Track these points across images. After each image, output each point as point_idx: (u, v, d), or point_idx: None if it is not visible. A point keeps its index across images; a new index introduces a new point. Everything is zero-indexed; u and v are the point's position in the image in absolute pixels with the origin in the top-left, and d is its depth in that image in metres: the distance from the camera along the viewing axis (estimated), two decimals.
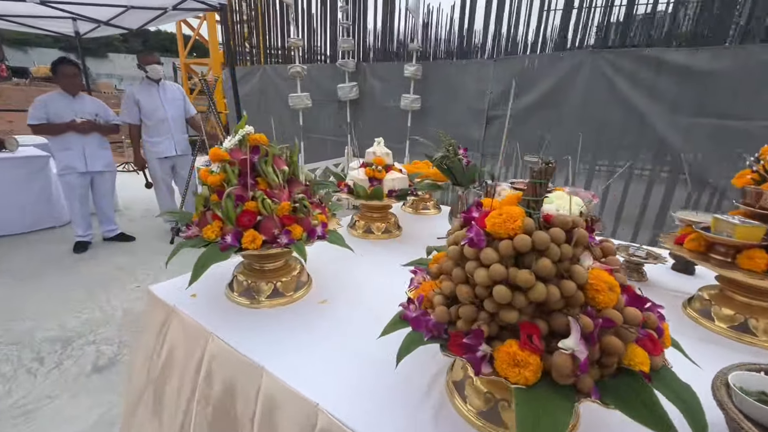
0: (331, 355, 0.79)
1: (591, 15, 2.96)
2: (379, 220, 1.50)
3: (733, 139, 2.50)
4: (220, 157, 0.86)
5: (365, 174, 1.41)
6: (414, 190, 1.46)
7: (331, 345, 0.82)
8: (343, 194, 1.41)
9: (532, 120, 3.17)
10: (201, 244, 0.83)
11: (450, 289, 0.56)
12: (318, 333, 0.86)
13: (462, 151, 1.38)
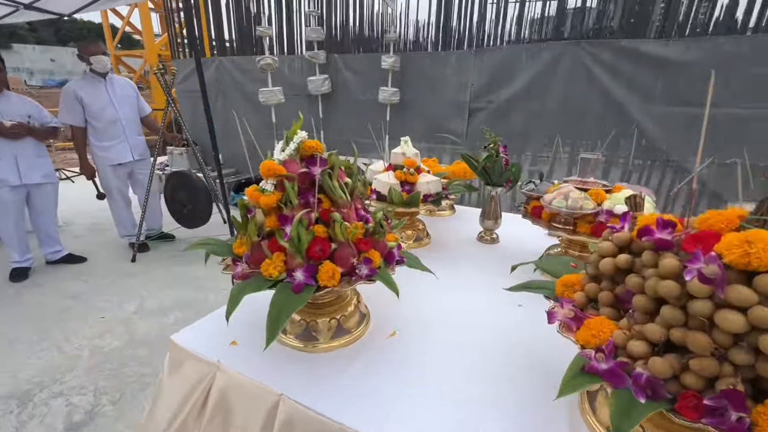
0: (426, 402, 0.65)
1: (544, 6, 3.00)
2: (408, 227, 1.36)
3: (698, 124, 2.64)
4: (275, 171, 0.67)
5: (395, 177, 1.26)
6: (447, 193, 1.34)
7: (421, 388, 0.68)
8: (372, 202, 1.26)
9: (515, 112, 3.17)
10: (265, 286, 0.64)
11: (658, 333, 0.44)
12: (402, 375, 0.71)
13: (502, 149, 1.28)
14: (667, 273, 0.44)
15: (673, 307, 0.44)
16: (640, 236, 0.51)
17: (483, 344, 0.81)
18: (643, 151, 2.85)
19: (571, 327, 0.55)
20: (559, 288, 0.63)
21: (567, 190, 1.00)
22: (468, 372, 0.73)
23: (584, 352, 0.49)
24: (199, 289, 2.61)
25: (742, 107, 2.54)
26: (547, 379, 0.70)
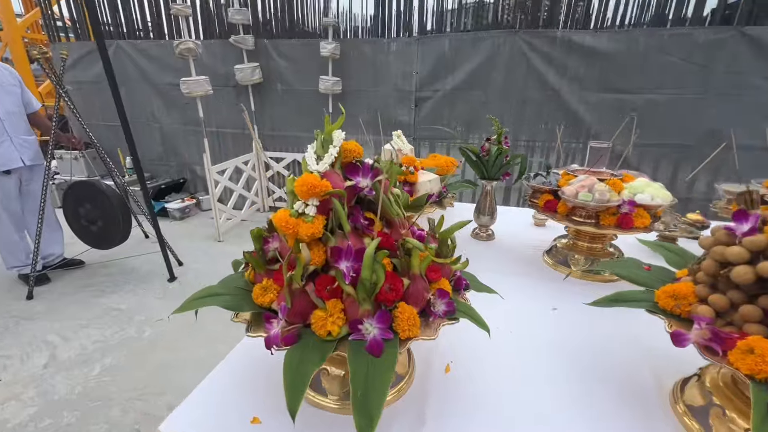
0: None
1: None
2: None
3: (628, 110, 2.92)
4: (321, 188, 0.48)
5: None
6: (446, 191, 1.22)
7: (510, 422, 0.56)
8: None
9: (460, 101, 3.18)
10: (329, 350, 0.46)
11: None
12: (481, 416, 0.59)
13: (504, 140, 1.19)
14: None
15: None
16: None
17: (539, 357, 0.73)
18: (582, 135, 3.06)
19: (715, 350, 0.47)
20: (667, 301, 0.55)
21: (591, 182, 0.95)
22: (547, 391, 0.64)
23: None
24: (129, 322, 2.17)
25: (657, 93, 2.84)
26: (626, 385, 0.63)
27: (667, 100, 2.83)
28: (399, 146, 1.15)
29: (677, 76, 2.77)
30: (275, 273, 0.54)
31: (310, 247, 0.50)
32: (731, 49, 2.65)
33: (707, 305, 0.51)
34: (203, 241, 3.32)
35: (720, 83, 2.72)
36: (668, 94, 2.82)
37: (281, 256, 0.55)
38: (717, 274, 0.53)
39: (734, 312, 0.50)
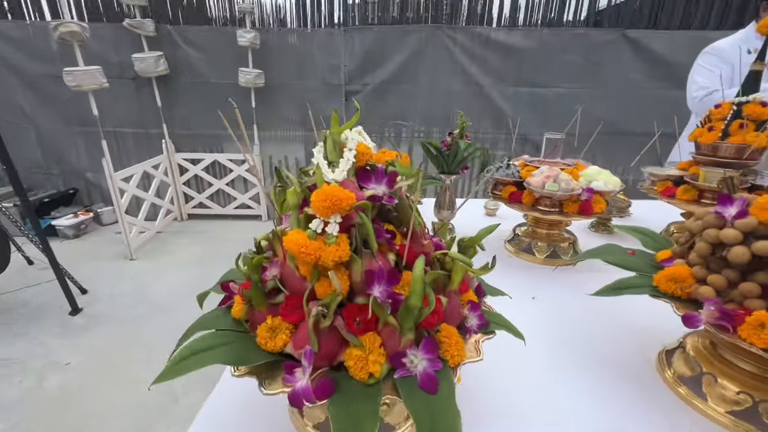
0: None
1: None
2: None
3: (540, 103, 3.20)
4: (347, 200, 0.40)
5: None
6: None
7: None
8: None
9: (390, 95, 3.18)
10: (378, 397, 0.38)
11: None
12: (500, 422, 0.56)
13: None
14: None
15: None
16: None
17: (534, 349, 0.74)
18: (505, 127, 3.27)
19: (726, 326, 0.51)
20: (668, 284, 0.58)
21: (555, 173, 0.99)
22: (553, 382, 0.64)
23: None
24: (23, 372, 1.75)
25: (562, 87, 3.17)
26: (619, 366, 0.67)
27: (571, 94, 3.17)
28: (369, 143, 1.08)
29: (577, 72, 3.12)
30: (282, 308, 0.44)
31: (337, 272, 0.41)
32: (617, 49, 3.06)
33: (708, 286, 0.55)
34: (111, 261, 2.83)
35: (608, 78, 3.12)
36: (571, 88, 3.16)
37: (285, 285, 0.45)
38: (710, 255, 0.56)
39: (731, 290, 0.54)
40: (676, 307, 0.56)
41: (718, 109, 1.15)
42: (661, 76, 3.12)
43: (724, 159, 1.11)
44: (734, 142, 1.08)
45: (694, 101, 1.77)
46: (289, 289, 0.45)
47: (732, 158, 1.09)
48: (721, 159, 1.11)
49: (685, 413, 0.61)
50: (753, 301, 0.51)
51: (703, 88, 1.70)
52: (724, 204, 0.57)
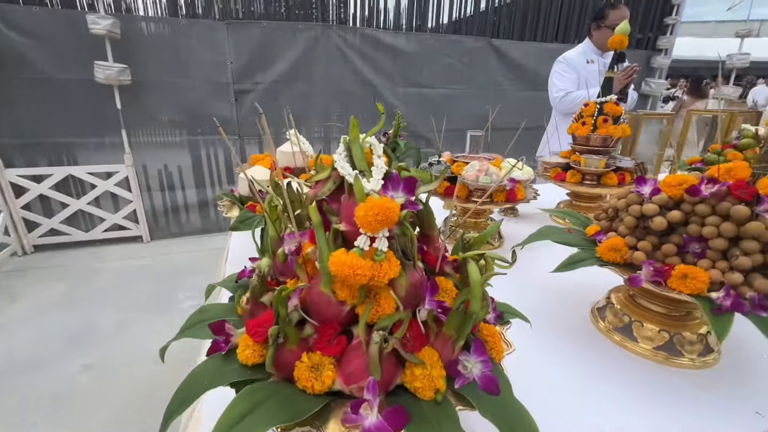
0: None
1: None
2: None
3: (427, 102, 3.47)
4: (395, 212, 0.37)
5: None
6: None
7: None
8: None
9: (284, 95, 3.03)
10: (454, 410, 0.36)
11: (748, 262, 0.58)
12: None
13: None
14: (741, 216, 0.58)
15: (751, 240, 0.58)
16: (692, 194, 0.63)
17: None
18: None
19: (660, 281, 0.64)
20: (610, 254, 0.70)
21: (485, 167, 1.09)
22: (530, 358, 0.72)
23: (719, 299, 0.58)
24: None
25: (445, 88, 3.49)
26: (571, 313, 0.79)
27: (453, 94, 3.52)
28: (307, 148, 1.00)
29: (456, 74, 3.47)
30: (316, 341, 0.39)
31: (377, 292, 0.38)
32: (485, 55, 3.51)
33: (639, 251, 0.68)
34: None
35: (481, 80, 3.57)
36: (452, 89, 3.51)
37: (311, 314, 0.40)
38: (635, 227, 0.70)
39: (655, 252, 0.68)
40: (620, 272, 0.68)
41: (587, 107, 1.42)
42: (519, 80, 3.69)
43: (594, 147, 1.38)
44: (601, 134, 1.35)
45: (555, 101, 2.15)
46: (317, 317, 0.40)
47: (600, 146, 1.37)
48: (592, 147, 1.38)
49: (620, 353, 0.76)
50: (672, 258, 0.65)
51: (562, 90, 2.09)
52: (640, 184, 0.71)
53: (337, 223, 0.40)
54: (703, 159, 1.56)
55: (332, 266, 0.35)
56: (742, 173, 0.62)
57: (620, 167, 1.35)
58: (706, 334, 0.74)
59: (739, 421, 0.61)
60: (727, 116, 1.74)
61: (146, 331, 2.00)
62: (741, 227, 0.59)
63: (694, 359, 0.72)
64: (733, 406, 0.64)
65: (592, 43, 2.10)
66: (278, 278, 0.47)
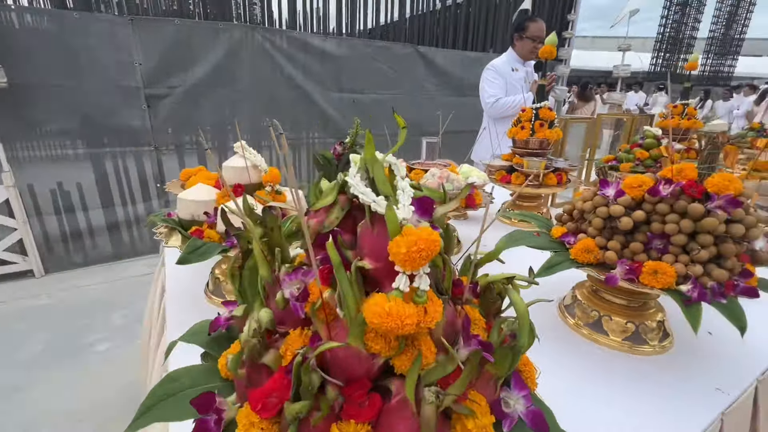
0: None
1: None
2: None
3: (362, 107, 3.44)
4: (436, 245, 0.31)
5: (257, 202, 0.85)
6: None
7: None
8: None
9: (207, 100, 2.76)
10: None
11: (708, 254, 0.64)
12: None
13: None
14: (697, 213, 0.64)
15: (707, 233, 0.64)
16: (653, 194, 0.68)
17: None
18: (333, 132, 3.35)
19: (633, 278, 0.67)
20: (583, 255, 0.73)
21: (446, 174, 1.08)
22: None
23: (688, 291, 0.62)
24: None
25: (376, 93, 3.50)
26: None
27: (385, 99, 3.54)
28: (257, 160, 0.88)
29: (387, 80, 3.50)
30: (347, 407, 0.32)
31: (417, 338, 0.33)
32: (413, 61, 3.60)
33: (610, 250, 0.71)
34: None
35: (410, 86, 3.65)
36: (384, 94, 3.53)
37: (334, 374, 0.33)
38: (603, 227, 0.74)
39: (623, 250, 0.72)
40: (596, 272, 0.71)
41: (524, 113, 1.51)
42: (445, 85, 3.85)
43: (533, 150, 1.46)
44: (538, 137, 1.44)
45: (487, 106, 2.27)
46: (342, 376, 0.33)
47: (538, 149, 1.46)
48: (531, 150, 1.46)
49: (591, 347, 0.79)
50: (640, 255, 0.69)
51: (493, 96, 2.21)
52: (604, 187, 0.75)
53: (358, 259, 0.34)
54: (615, 157, 1.75)
55: (374, 317, 0.28)
56: (691, 173, 0.68)
57: (558, 168, 1.46)
58: (662, 321, 0.81)
59: (703, 398, 0.67)
60: (629, 120, 1.99)
61: (49, 390, 1.63)
62: (697, 223, 0.65)
63: (655, 345, 0.78)
64: (693, 385, 0.70)
65: (515, 52, 2.26)
66: (276, 329, 0.39)
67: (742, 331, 0.60)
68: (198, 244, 0.73)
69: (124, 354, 1.88)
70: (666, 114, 2.01)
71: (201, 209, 0.84)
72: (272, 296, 0.40)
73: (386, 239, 0.33)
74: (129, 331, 2.02)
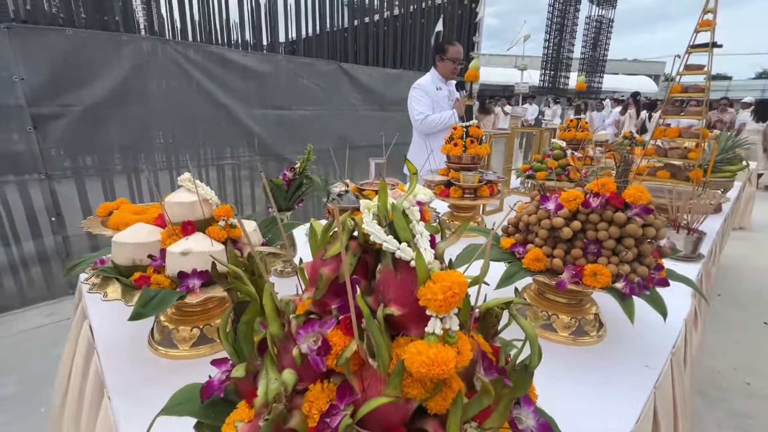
0: None
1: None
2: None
3: (288, 124, 3.36)
4: (465, 287, 0.33)
5: (213, 238, 0.79)
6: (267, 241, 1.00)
7: None
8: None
9: (113, 120, 2.45)
10: None
11: (632, 254, 0.76)
12: None
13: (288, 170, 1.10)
14: (621, 221, 0.76)
15: (630, 237, 0.77)
16: (586, 206, 0.79)
17: None
18: (259, 149, 3.21)
19: (578, 281, 0.77)
20: (534, 264, 0.81)
21: (397, 194, 1.11)
22: None
23: (622, 288, 0.73)
24: None
25: (303, 109, 3.45)
26: None
27: (311, 115, 3.51)
28: (205, 193, 0.80)
29: (312, 96, 3.48)
30: None
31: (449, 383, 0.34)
32: (337, 78, 3.64)
33: (556, 258, 0.81)
34: None
35: (336, 102, 3.68)
36: (312, 110, 3.50)
37: (366, 424, 0.33)
38: (549, 237, 0.83)
39: (566, 256, 0.82)
40: (547, 278, 0.80)
41: (456, 131, 1.62)
42: (369, 101, 3.96)
43: (466, 165, 1.58)
44: (471, 153, 1.57)
45: (417, 123, 2.40)
46: (377, 427, 0.33)
47: (471, 164, 1.58)
48: (464, 165, 1.58)
49: (544, 344, 0.88)
50: (580, 260, 0.80)
51: (421, 113, 2.34)
52: (545, 201, 0.85)
53: (383, 307, 0.34)
54: (531, 166, 1.96)
55: (420, 367, 0.29)
56: (612, 187, 0.81)
57: (489, 180, 1.59)
58: (597, 314, 0.94)
59: (635, 375, 0.79)
60: (539, 133, 2.27)
61: None
62: (622, 229, 0.77)
63: (594, 336, 0.90)
64: (627, 366, 0.82)
65: (437, 72, 2.42)
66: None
67: (665, 317, 0.72)
68: (151, 294, 0.65)
69: (23, 429, 1.56)
70: (564, 127, 2.32)
71: (144, 252, 0.75)
72: (284, 352, 0.38)
73: (412, 285, 0.34)
74: (26, 401, 1.68)
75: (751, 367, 1.98)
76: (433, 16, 4.28)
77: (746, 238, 3.98)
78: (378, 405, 0.30)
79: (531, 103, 12.09)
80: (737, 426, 1.63)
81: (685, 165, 1.66)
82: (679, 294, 1.02)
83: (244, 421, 0.37)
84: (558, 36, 12.70)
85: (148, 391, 0.72)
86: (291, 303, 0.39)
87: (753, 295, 2.80)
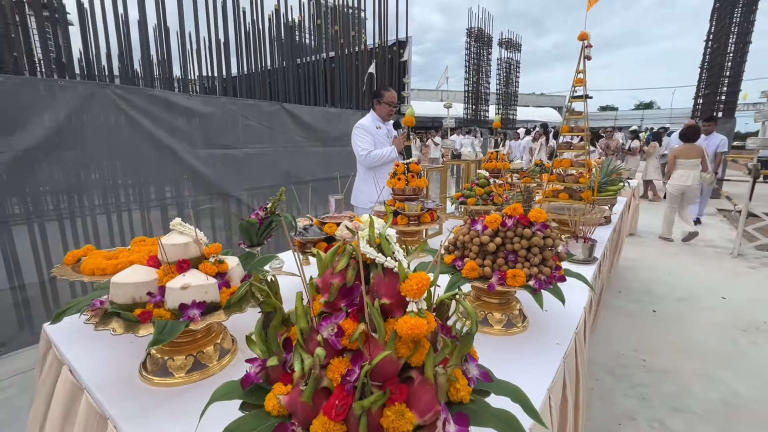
0: None
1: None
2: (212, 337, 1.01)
3: (234, 162, 3.43)
4: (428, 282, 0.53)
5: (204, 272, 0.91)
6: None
7: None
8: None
9: (48, 165, 2.35)
10: None
11: (538, 259, 1.03)
12: None
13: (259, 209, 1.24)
14: (528, 235, 1.04)
15: (536, 247, 1.04)
16: (503, 226, 1.05)
17: None
18: (205, 188, 3.21)
19: (503, 283, 1.02)
20: (471, 273, 1.05)
21: (356, 225, 1.31)
22: None
23: (533, 284, 0.99)
24: None
25: (249, 147, 3.55)
26: None
27: (257, 153, 3.61)
28: (193, 236, 0.92)
29: (257, 134, 3.60)
30: (391, 397, 0.50)
31: (419, 341, 0.53)
32: (281, 117, 3.81)
33: (487, 267, 1.06)
34: None
35: (281, 139, 3.83)
36: (258, 148, 3.61)
37: (378, 378, 0.51)
38: (479, 251, 1.08)
39: (493, 264, 1.07)
40: (481, 283, 1.04)
41: (399, 167, 1.88)
42: (312, 138, 4.17)
43: (409, 196, 1.84)
44: (412, 185, 1.83)
45: (361, 158, 2.64)
46: (379, 378, 0.51)
47: (413, 195, 1.84)
48: (408, 196, 1.84)
49: (484, 337, 1.11)
50: (503, 267, 1.05)
51: (365, 150, 2.59)
52: (474, 223, 1.10)
53: (378, 299, 0.53)
54: (462, 194, 2.28)
55: (408, 330, 0.49)
56: (520, 210, 1.09)
57: (429, 208, 1.86)
58: (521, 309, 1.20)
59: (550, 351, 1.05)
60: (467, 165, 2.64)
61: None
62: (529, 241, 1.05)
63: (520, 326, 1.15)
64: (544, 345, 1.08)
65: (376, 113, 2.72)
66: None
67: (563, 302, 0.99)
68: (163, 324, 0.76)
69: None
70: (486, 159, 2.72)
71: (143, 291, 0.85)
72: (308, 340, 0.55)
73: (396, 283, 0.54)
74: None
75: (646, 348, 2.43)
76: (366, 59, 4.70)
77: (638, 243, 4.78)
78: (382, 358, 0.49)
79: (458, 134, 13.24)
80: (638, 395, 2.01)
81: (578, 188, 2.09)
82: (579, 290, 1.32)
83: (282, 393, 0.53)
84: (476, 75, 14.26)
85: (154, 416, 0.80)
86: (308, 307, 0.57)
87: (645, 289, 3.39)
